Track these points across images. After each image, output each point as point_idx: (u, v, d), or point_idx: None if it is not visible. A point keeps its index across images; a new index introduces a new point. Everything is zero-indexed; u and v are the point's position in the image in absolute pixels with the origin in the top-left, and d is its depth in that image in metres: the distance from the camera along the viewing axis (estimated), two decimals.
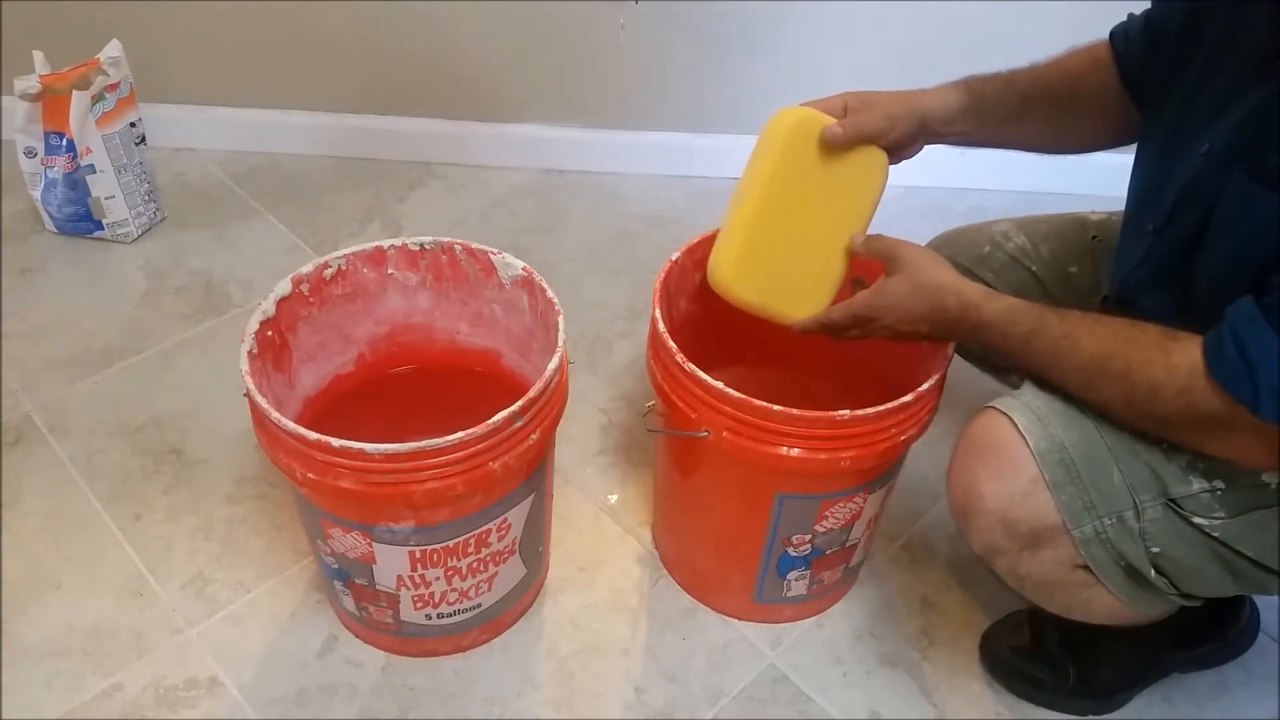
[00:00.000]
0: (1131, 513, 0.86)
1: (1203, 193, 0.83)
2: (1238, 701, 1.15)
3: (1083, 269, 1.11)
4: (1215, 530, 0.86)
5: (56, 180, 1.59)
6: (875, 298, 0.96)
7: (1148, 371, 0.80)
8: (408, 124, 1.85)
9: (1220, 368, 0.76)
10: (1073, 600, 0.94)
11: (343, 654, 1.14)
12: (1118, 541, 0.87)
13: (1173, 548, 0.87)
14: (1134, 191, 0.97)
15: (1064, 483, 0.86)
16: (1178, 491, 0.86)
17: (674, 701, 1.11)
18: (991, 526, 0.90)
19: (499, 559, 1.06)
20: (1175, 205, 0.87)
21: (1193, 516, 0.86)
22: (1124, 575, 0.89)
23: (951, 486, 0.93)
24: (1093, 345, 0.84)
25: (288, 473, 0.93)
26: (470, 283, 1.14)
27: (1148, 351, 0.81)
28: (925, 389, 0.97)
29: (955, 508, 0.93)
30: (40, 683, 1.09)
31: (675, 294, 1.13)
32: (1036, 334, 0.87)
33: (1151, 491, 0.86)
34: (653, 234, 1.76)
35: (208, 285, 1.60)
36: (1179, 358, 0.79)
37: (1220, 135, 0.83)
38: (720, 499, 1.09)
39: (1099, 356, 0.83)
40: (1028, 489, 0.87)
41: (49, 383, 1.43)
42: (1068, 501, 0.86)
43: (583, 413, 1.42)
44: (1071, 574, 0.90)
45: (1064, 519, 0.87)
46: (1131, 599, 0.91)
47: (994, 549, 0.92)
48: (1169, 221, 0.88)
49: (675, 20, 1.70)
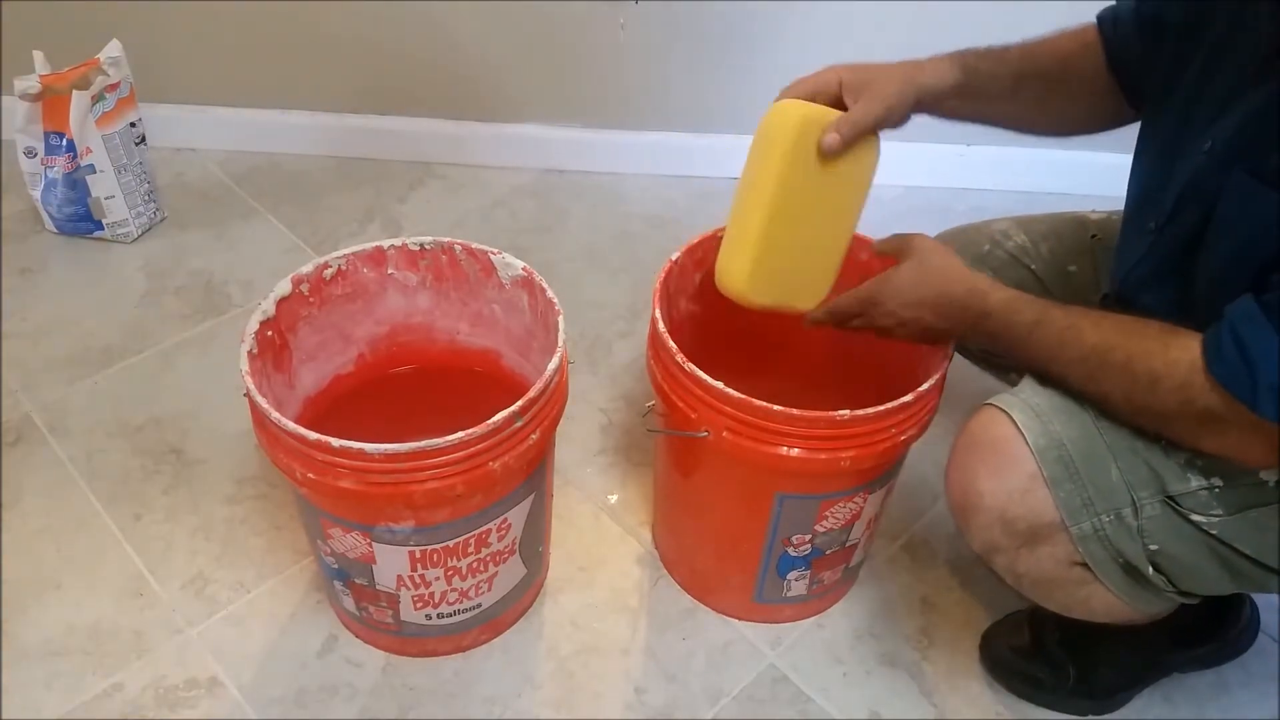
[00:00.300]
0: (1130, 510, 0.86)
1: (1204, 191, 0.83)
2: (1238, 701, 1.15)
3: (1082, 267, 1.11)
4: (1213, 528, 0.86)
5: (56, 180, 1.59)
6: (883, 284, 0.96)
7: (1148, 364, 0.80)
8: (408, 124, 1.85)
9: (1220, 365, 0.76)
10: (1071, 598, 0.94)
11: (343, 654, 1.14)
12: (1116, 539, 0.87)
13: (1171, 545, 0.87)
14: (1134, 190, 0.98)
15: (1062, 479, 0.86)
16: (1176, 489, 0.86)
17: (674, 701, 1.11)
18: (990, 524, 0.90)
19: (499, 559, 1.06)
20: (1176, 203, 0.87)
21: (1191, 514, 0.86)
22: (1122, 573, 0.89)
23: (950, 484, 0.93)
24: (1095, 336, 0.84)
25: (288, 473, 0.93)
26: (470, 283, 1.14)
27: (1149, 344, 0.81)
28: (925, 389, 0.97)
29: (954, 505, 0.93)
30: (40, 683, 1.09)
31: (675, 294, 1.13)
32: (1040, 324, 0.88)
33: (1150, 489, 0.86)
34: (653, 234, 1.76)
35: (208, 285, 1.60)
36: (1178, 353, 0.79)
37: (1221, 134, 0.83)
38: (720, 499, 1.09)
39: (1101, 348, 0.84)
40: (1026, 486, 0.87)
41: (49, 383, 1.43)
42: (1066, 499, 0.86)
43: (583, 413, 1.42)
44: (1070, 571, 0.90)
45: (1062, 516, 0.87)
46: (1130, 596, 0.91)
47: (992, 546, 0.92)
48: (1170, 220, 0.88)
49: (675, 20, 1.70)
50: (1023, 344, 0.89)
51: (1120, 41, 0.99)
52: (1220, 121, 0.83)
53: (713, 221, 1.16)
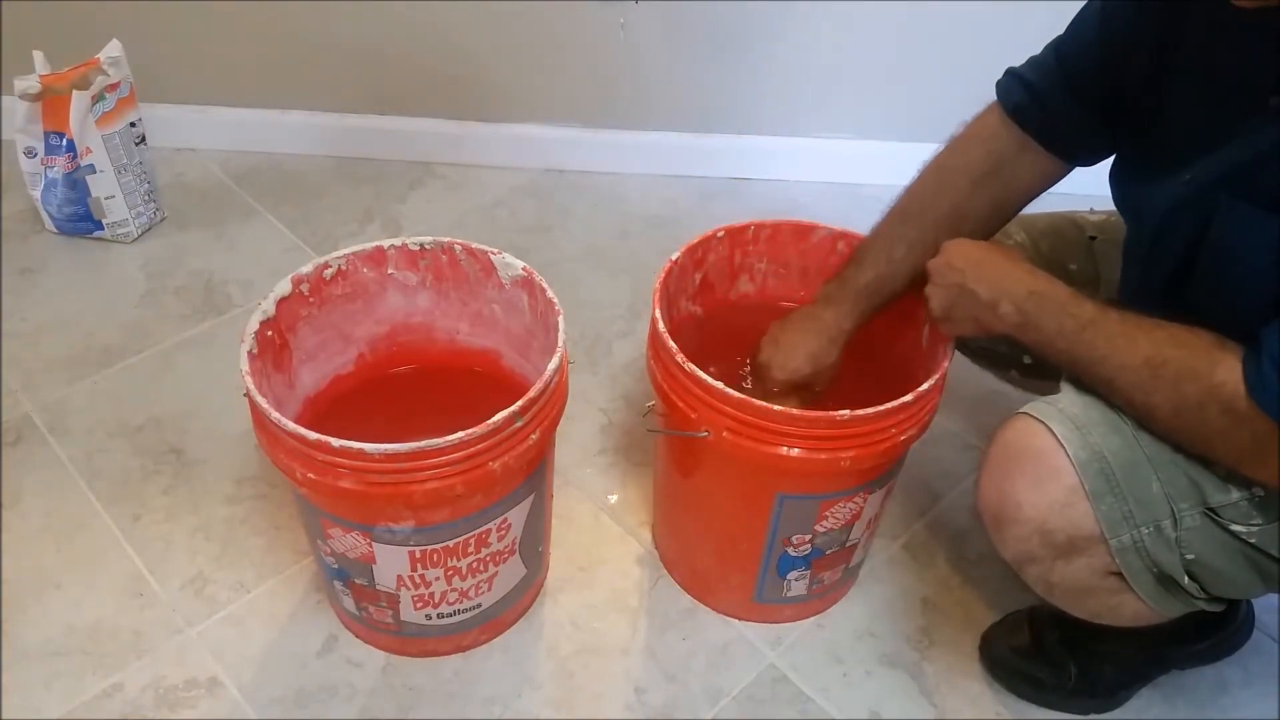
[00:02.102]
0: (1169, 522, 0.85)
1: (1189, 220, 0.83)
2: (1238, 701, 1.15)
3: (1082, 267, 1.11)
4: (1252, 536, 0.85)
5: (56, 180, 1.59)
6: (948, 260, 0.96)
7: (1196, 385, 0.79)
8: (408, 124, 1.85)
9: (1261, 393, 0.75)
10: (1103, 605, 0.93)
11: (343, 654, 1.14)
12: (1154, 550, 0.86)
13: (1208, 554, 0.86)
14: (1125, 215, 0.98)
15: (1104, 492, 0.84)
16: (1217, 500, 0.84)
17: (674, 701, 1.11)
18: (1028, 535, 0.88)
19: (499, 559, 1.06)
20: (1158, 233, 0.87)
21: (1231, 524, 0.85)
22: (1155, 581, 0.88)
23: (984, 494, 0.91)
24: (1149, 347, 0.82)
25: (288, 473, 0.93)
26: (470, 283, 1.14)
27: (1198, 363, 0.79)
28: (925, 389, 0.96)
29: (988, 515, 0.92)
30: (40, 683, 1.09)
31: (675, 294, 1.13)
32: (1095, 324, 0.85)
33: (1190, 500, 0.85)
34: (653, 234, 1.76)
35: (208, 285, 1.60)
36: (1224, 375, 0.77)
37: (1213, 167, 0.82)
38: (720, 499, 1.09)
39: (1154, 360, 0.81)
40: (1067, 499, 0.85)
41: (49, 383, 1.43)
42: (1107, 512, 0.85)
43: (583, 413, 1.42)
44: (1104, 581, 0.89)
45: (1102, 529, 0.85)
46: (1159, 603, 0.90)
47: (1028, 557, 0.90)
48: (1152, 249, 0.89)
49: (675, 20, 1.70)
50: (1071, 342, 0.86)
51: (1054, 113, 0.96)
52: (1211, 152, 0.82)
53: (713, 221, 1.16)
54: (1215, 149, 0.82)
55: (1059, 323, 0.87)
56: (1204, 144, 0.83)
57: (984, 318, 0.92)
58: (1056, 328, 0.87)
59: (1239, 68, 0.81)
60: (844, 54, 1.75)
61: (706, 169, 1.88)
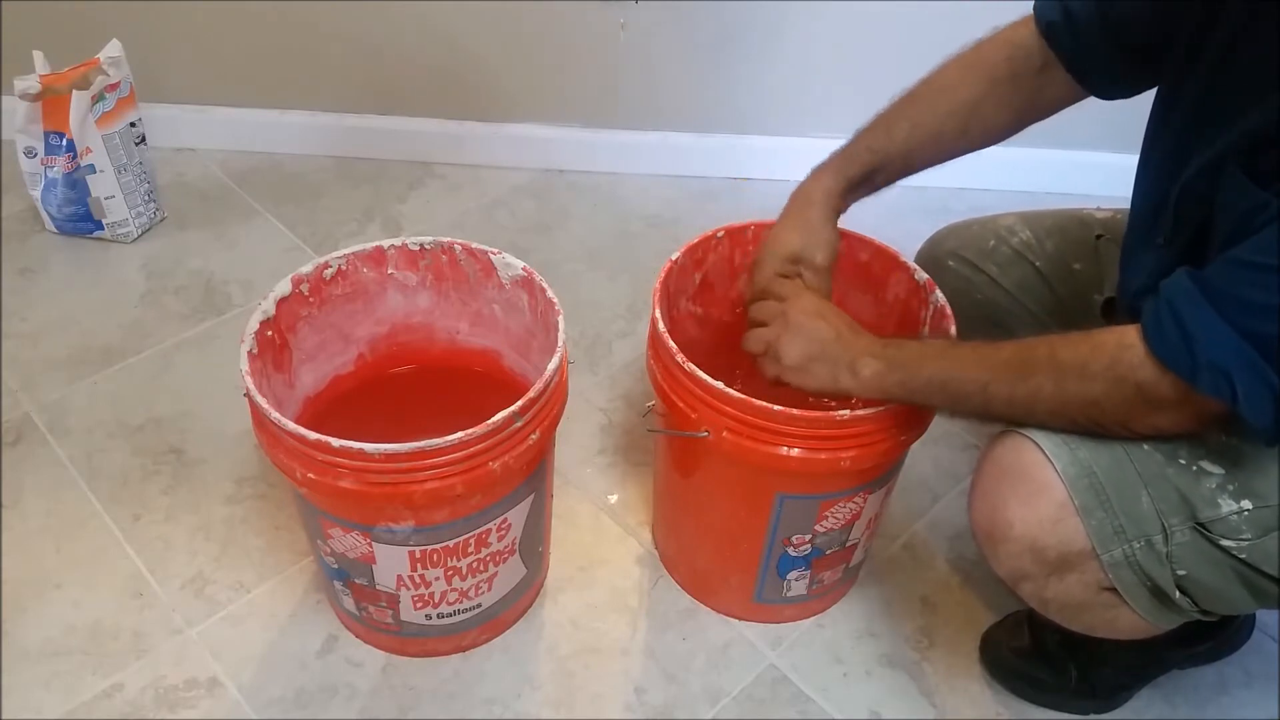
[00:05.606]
0: (1160, 537, 0.85)
1: (1200, 199, 0.82)
2: (1238, 701, 1.15)
3: (1086, 265, 1.11)
4: (1242, 552, 0.84)
5: (56, 180, 1.59)
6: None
7: (1074, 350, 0.82)
8: (408, 124, 1.85)
9: (1160, 344, 0.77)
10: (1098, 619, 0.93)
11: (343, 654, 1.14)
12: (1146, 564, 0.86)
13: (1199, 570, 0.86)
14: (1140, 203, 0.96)
15: (1094, 508, 0.84)
16: (1207, 515, 0.84)
17: (674, 701, 1.11)
18: (1020, 553, 0.88)
19: (499, 559, 1.06)
20: (1176, 215, 0.87)
21: (1221, 539, 0.84)
22: (1150, 596, 0.88)
23: (975, 512, 0.92)
24: (1012, 347, 0.86)
25: (288, 473, 0.93)
26: (470, 283, 1.14)
27: (1071, 337, 0.82)
28: None
29: (980, 533, 0.92)
30: (40, 683, 1.09)
31: (675, 294, 1.13)
32: (955, 344, 0.91)
33: (1180, 515, 0.85)
34: (653, 234, 1.76)
35: (208, 285, 1.60)
36: (1103, 336, 0.80)
37: (1222, 144, 0.81)
38: (720, 499, 1.09)
39: (1022, 348, 0.85)
40: (1057, 515, 0.85)
41: (49, 383, 1.43)
42: (1097, 527, 0.85)
43: (583, 413, 1.42)
44: (1098, 596, 0.89)
45: (1093, 544, 0.85)
46: (1154, 617, 0.90)
47: (1021, 574, 0.90)
48: (1174, 232, 0.88)
49: (675, 20, 1.70)
50: (938, 357, 0.90)
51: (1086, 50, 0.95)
52: (1224, 133, 0.81)
53: (713, 221, 1.16)
54: (1233, 126, 0.81)
55: (918, 354, 0.91)
56: (1225, 123, 0.82)
57: (841, 378, 0.94)
58: (915, 362, 0.90)
59: (1260, 48, 0.79)
60: (844, 54, 1.74)
61: (706, 169, 1.88)
